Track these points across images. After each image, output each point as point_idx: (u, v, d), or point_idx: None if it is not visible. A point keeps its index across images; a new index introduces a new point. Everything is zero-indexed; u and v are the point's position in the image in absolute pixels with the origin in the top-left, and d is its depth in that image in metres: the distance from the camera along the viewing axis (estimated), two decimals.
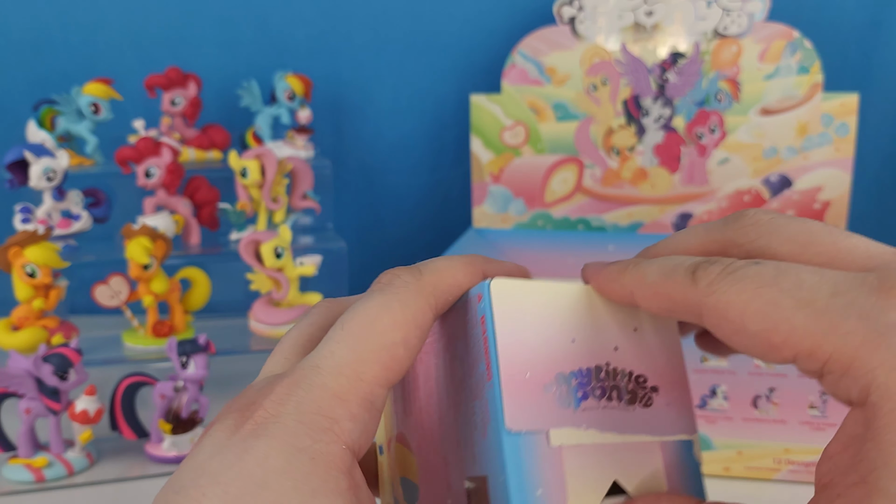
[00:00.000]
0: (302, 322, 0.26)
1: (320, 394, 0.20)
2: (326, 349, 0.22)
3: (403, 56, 0.85)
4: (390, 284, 0.23)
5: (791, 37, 0.74)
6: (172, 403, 0.59)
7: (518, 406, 0.22)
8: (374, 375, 0.21)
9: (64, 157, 0.67)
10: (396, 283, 0.23)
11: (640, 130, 0.79)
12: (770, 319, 0.19)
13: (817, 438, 0.54)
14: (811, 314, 0.19)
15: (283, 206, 0.73)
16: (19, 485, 0.56)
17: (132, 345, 0.66)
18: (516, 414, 0.22)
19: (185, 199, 0.73)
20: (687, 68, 0.77)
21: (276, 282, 0.67)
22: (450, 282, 0.24)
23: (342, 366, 0.21)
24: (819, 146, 0.75)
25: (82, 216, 0.70)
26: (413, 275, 0.23)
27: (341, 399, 0.21)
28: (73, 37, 0.83)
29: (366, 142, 0.88)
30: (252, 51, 0.84)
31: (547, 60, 0.78)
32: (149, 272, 0.64)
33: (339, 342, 0.22)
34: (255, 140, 0.80)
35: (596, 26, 0.77)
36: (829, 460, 0.19)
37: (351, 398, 0.21)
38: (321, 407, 0.20)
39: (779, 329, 0.19)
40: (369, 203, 0.90)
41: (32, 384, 0.56)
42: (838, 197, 0.76)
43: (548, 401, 0.23)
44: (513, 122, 0.80)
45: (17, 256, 0.61)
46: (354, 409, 0.21)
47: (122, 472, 0.58)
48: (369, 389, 0.21)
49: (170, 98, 0.78)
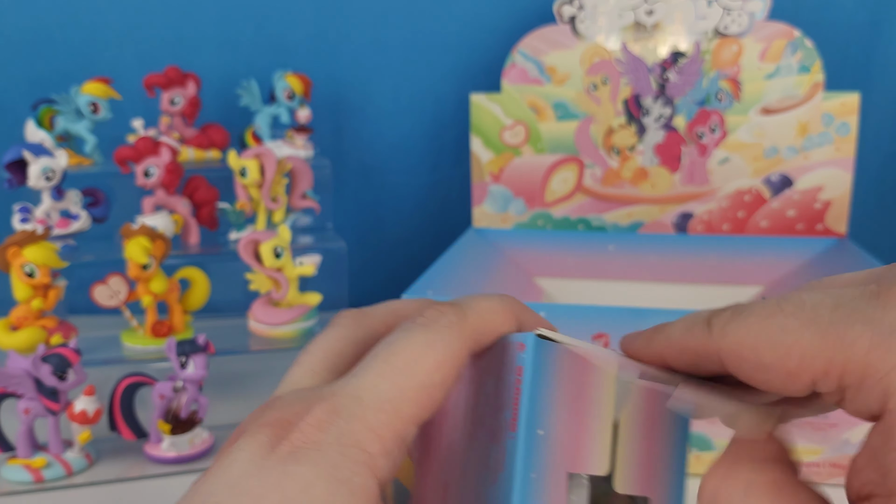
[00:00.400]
0: (329, 334, 0.25)
1: (360, 427, 0.21)
2: (369, 381, 0.21)
3: (403, 56, 0.85)
4: (436, 322, 0.23)
5: (792, 36, 0.74)
6: (171, 404, 0.59)
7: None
8: (410, 414, 0.21)
9: (63, 157, 0.67)
10: (442, 321, 0.23)
11: (640, 130, 0.79)
12: (781, 346, 0.19)
13: (817, 438, 0.54)
14: (817, 331, 0.19)
15: (282, 206, 0.73)
16: (18, 485, 0.56)
17: (131, 345, 0.66)
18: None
19: (184, 198, 0.72)
20: (687, 68, 0.77)
21: (276, 282, 0.67)
22: (491, 327, 0.24)
23: (384, 402, 0.21)
24: (820, 146, 0.75)
25: (81, 216, 0.70)
26: (458, 315, 0.23)
27: (378, 435, 0.21)
28: (72, 36, 0.83)
29: (365, 141, 0.88)
30: (251, 50, 0.84)
31: (547, 60, 0.78)
32: (148, 272, 0.64)
33: (382, 377, 0.21)
34: (255, 139, 0.80)
35: (596, 25, 0.77)
36: (858, 474, 0.19)
37: (388, 435, 0.21)
38: (360, 441, 0.20)
39: (791, 354, 0.19)
40: (369, 203, 0.90)
41: (31, 384, 0.55)
42: (839, 197, 0.76)
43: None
44: (513, 122, 0.80)
45: (15, 256, 0.61)
46: (389, 445, 0.21)
47: (122, 472, 0.58)
48: (404, 427, 0.21)
49: (169, 97, 0.78)
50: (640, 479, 0.24)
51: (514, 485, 0.22)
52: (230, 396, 0.69)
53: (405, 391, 0.21)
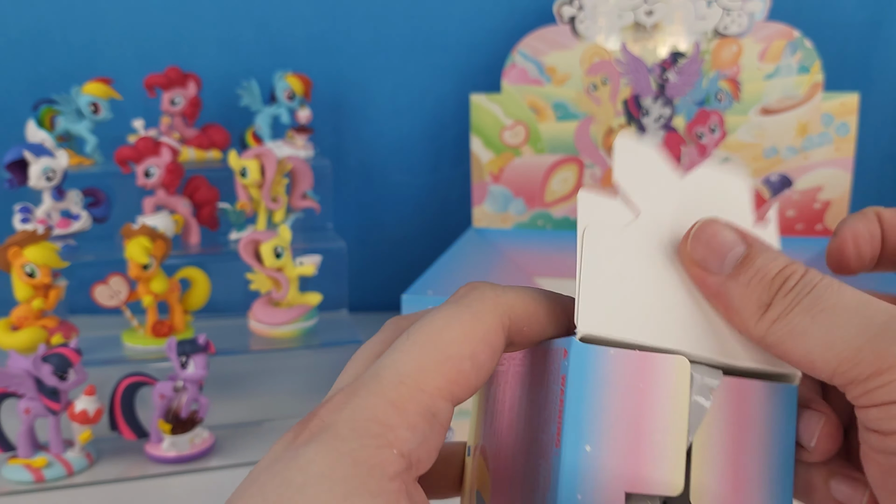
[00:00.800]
0: (372, 340, 0.25)
1: (377, 402, 0.20)
2: (389, 359, 0.21)
3: (403, 56, 0.85)
4: (466, 296, 0.22)
5: (791, 36, 0.74)
6: (172, 403, 0.59)
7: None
8: (436, 387, 0.20)
9: (63, 157, 0.67)
10: (472, 294, 0.22)
11: (640, 130, 0.79)
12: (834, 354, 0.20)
13: None
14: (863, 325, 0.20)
15: (282, 206, 0.73)
16: (19, 485, 0.56)
17: (132, 345, 0.66)
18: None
19: (184, 198, 0.72)
20: (687, 68, 0.77)
21: (276, 281, 0.67)
22: (529, 308, 0.22)
23: (403, 375, 0.20)
24: (819, 146, 0.75)
25: (82, 216, 0.70)
26: (493, 290, 0.22)
27: (399, 408, 0.20)
28: (72, 36, 0.83)
29: (366, 141, 0.88)
30: (252, 50, 0.84)
31: (547, 60, 0.78)
32: (148, 272, 0.64)
33: (403, 352, 0.21)
34: (255, 140, 0.80)
35: (596, 26, 0.77)
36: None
37: (410, 408, 0.20)
38: (376, 414, 0.20)
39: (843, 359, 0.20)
40: (369, 203, 0.90)
41: (32, 384, 0.55)
42: (839, 197, 0.76)
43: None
44: (513, 122, 0.80)
45: (16, 256, 0.61)
46: (413, 418, 0.20)
47: (122, 472, 0.58)
48: (430, 401, 0.20)
49: (169, 98, 0.78)
50: (728, 495, 0.21)
51: (556, 496, 0.20)
52: (230, 396, 0.70)
53: (426, 364, 0.20)
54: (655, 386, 0.20)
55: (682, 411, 0.20)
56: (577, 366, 0.20)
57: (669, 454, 0.20)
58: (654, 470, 0.20)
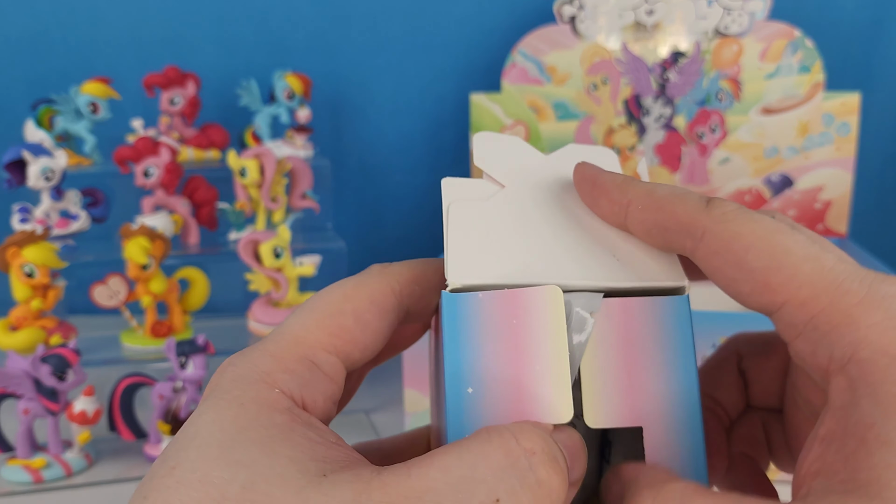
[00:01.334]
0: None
1: (258, 356, 0.21)
2: (281, 325, 0.23)
3: (403, 55, 0.85)
4: (359, 273, 0.24)
5: (792, 36, 0.74)
6: (171, 404, 0.59)
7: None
8: (316, 339, 0.22)
9: (62, 157, 0.67)
10: (364, 270, 0.24)
11: (640, 130, 0.78)
12: (775, 260, 0.19)
13: None
14: (817, 268, 0.19)
15: (282, 206, 0.73)
16: (18, 486, 0.56)
17: (131, 345, 0.66)
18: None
19: (183, 198, 0.72)
20: (688, 67, 0.77)
21: (275, 282, 0.67)
22: (416, 273, 0.24)
23: (284, 333, 0.22)
24: (820, 146, 0.75)
25: (81, 216, 0.70)
26: (383, 265, 0.24)
27: (276, 358, 0.21)
28: (71, 36, 0.83)
29: (365, 141, 0.88)
30: (251, 50, 0.84)
31: (547, 59, 0.78)
32: (147, 272, 0.64)
33: (293, 316, 0.23)
34: (254, 139, 0.80)
35: (596, 25, 0.77)
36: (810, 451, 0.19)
37: (287, 356, 0.21)
38: (256, 365, 0.21)
39: (781, 271, 0.19)
40: (369, 203, 0.90)
41: (31, 385, 0.55)
42: (839, 196, 0.76)
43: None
44: (513, 122, 0.80)
45: (15, 256, 0.61)
46: (290, 364, 0.21)
47: (121, 472, 0.58)
48: (310, 352, 0.22)
49: (168, 97, 0.78)
50: (626, 413, 0.21)
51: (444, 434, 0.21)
52: None
53: (307, 321, 0.22)
54: (530, 318, 0.21)
55: (562, 339, 0.21)
56: (449, 313, 0.21)
57: (553, 383, 0.21)
58: (539, 401, 0.20)
